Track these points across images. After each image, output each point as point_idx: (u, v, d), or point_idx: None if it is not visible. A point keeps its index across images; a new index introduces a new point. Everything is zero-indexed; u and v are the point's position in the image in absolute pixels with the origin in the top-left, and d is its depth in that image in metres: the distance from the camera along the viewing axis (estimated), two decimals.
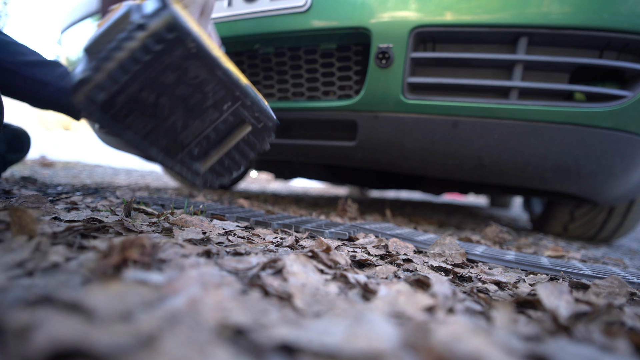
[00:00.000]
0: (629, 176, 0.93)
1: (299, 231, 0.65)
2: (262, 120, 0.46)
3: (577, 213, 1.30)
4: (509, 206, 4.04)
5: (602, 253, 1.06)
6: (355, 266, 0.47)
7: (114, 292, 0.22)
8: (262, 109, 0.46)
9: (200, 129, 0.43)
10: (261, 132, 0.47)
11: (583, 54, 0.80)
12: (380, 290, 0.32)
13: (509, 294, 0.43)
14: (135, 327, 0.19)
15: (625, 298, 0.42)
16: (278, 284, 0.32)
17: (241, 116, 0.45)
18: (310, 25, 0.85)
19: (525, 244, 0.99)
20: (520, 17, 0.76)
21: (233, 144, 0.46)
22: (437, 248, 0.60)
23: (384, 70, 0.84)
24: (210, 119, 0.43)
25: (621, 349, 0.24)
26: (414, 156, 0.95)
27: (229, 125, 0.45)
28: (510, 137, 0.85)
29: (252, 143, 0.47)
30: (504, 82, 0.81)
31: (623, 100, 0.80)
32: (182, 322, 0.19)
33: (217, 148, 0.45)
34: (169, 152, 0.41)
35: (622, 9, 0.74)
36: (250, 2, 0.89)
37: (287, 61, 0.95)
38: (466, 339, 0.20)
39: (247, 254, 0.44)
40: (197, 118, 0.42)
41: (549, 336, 0.26)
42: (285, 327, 0.21)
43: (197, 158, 0.44)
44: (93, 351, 0.17)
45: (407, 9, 0.80)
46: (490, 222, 1.46)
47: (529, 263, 0.59)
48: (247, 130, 0.46)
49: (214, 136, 0.44)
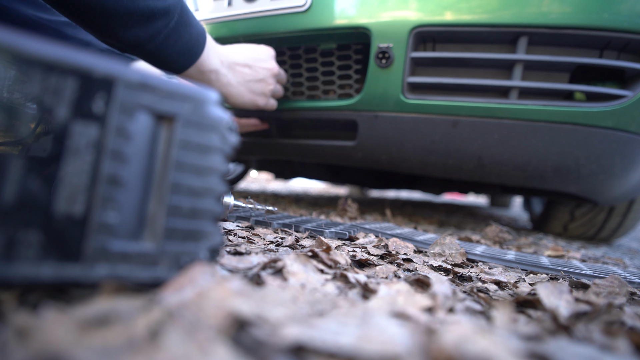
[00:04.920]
0: (629, 176, 0.93)
1: (299, 231, 0.65)
2: None
3: (577, 213, 1.30)
4: (509, 206, 4.04)
5: (602, 253, 1.06)
6: (356, 266, 0.47)
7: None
8: None
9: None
10: None
11: (583, 53, 0.81)
12: (380, 290, 0.32)
13: (509, 294, 0.43)
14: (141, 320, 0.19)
15: (625, 297, 0.42)
16: (278, 284, 0.32)
17: None
18: (310, 25, 0.85)
19: (525, 244, 0.99)
20: (520, 17, 0.76)
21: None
22: (437, 248, 0.60)
23: (384, 70, 0.84)
24: None
25: (621, 349, 0.24)
26: (414, 156, 0.95)
27: None
28: (510, 136, 0.85)
29: None
30: (504, 82, 0.81)
31: (623, 100, 0.80)
32: (186, 316, 0.19)
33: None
34: None
35: (622, 8, 0.74)
36: (250, 2, 0.89)
37: (287, 61, 0.95)
38: (474, 340, 0.20)
39: (248, 254, 0.44)
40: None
41: (549, 336, 0.26)
42: (296, 326, 0.21)
43: None
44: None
45: (407, 9, 0.80)
46: (490, 222, 1.46)
47: (529, 263, 0.59)
48: None
49: None
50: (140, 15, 0.56)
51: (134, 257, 0.24)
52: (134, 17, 0.56)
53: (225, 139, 0.28)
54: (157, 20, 0.58)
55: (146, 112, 0.25)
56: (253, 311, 0.22)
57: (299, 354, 0.20)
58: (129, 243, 0.24)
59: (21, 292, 0.24)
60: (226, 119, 0.28)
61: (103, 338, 0.18)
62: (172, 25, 0.60)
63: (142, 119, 0.25)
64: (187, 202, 0.26)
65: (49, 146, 0.23)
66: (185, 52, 0.65)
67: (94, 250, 0.23)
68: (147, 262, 0.25)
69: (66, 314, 0.19)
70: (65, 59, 0.23)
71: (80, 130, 0.23)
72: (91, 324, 0.18)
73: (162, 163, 0.26)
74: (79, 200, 0.23)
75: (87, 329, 0.18)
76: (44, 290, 0.25)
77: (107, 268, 0.23)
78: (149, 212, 0.25)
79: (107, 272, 0.23)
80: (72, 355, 0.16)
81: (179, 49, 0.64)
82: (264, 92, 0.82)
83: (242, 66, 0.77)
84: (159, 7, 0.57)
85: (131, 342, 0.18)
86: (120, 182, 0.24)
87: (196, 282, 0.24)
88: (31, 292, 0.25)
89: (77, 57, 0.23)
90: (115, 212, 0.24)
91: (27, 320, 0.18)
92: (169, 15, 0.59)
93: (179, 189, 0.26)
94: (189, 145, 0.27)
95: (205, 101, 0.27)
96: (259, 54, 0.80)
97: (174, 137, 0.26)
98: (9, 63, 0.21)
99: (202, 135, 0.27)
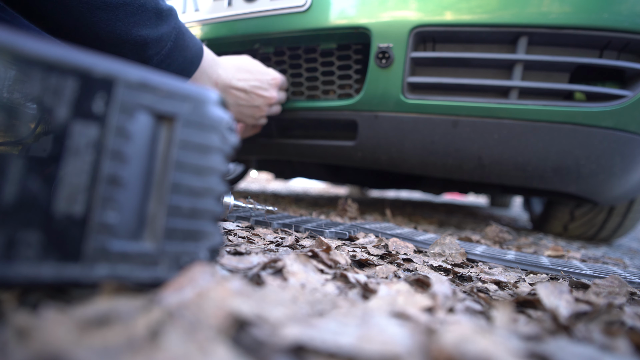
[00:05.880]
0: (629, 176, 0.93)
1: (299, 231, 0.65)
2: None
3: (577, 213, 1.30)
4: (509, 206, 4.04)
5: (602, 253, 1.06)
6: (356, 266, 0.47)
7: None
8: None
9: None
10: None
11: (583, 53, 0.81)
12: (380, 290, 0.32)
13: (509, 294, 0.43)
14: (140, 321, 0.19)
15: (625, 297, 0.42)
16: (278, 284, 0.32)
17: None
18: (310, 25, 0.85)
19: (525, 244, 0.99)
20: (520, 17, 0.76)
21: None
22: (437, 248, 0.60)
23: (384, 70, 0.84)
24: None
25: (621, 349, 0.24)
26: (414, 156, 0.95)
27: None
28: (510, 136, 0.85)
29: None
30: (504, 82, 0.81)
31: (623, 100, 0.80)
32: (186, 316, 0.19)
33: None
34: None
35: (622, 8, 0.74)
36: (250, 2, 0.89)
37: (286, 61, 0.95)
38: (474, 340, 0.20)
39: (248, 254, 0.44)
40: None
41: (549, 336, 0.26)
42: (296, 326, 0.21)
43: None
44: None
45: (407, 9, 0.80)
46: (490, 222, 1.46)
47: (529, 263, 0.59)
48: None
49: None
50: (133, 44, 0.57)
51: (134, 257, 0.24)
52: (127, 45, 0.57)
53: (225, 139, 0.28)
54: (150, 49, 0.59)
55: (146, 112, 0.25)
56: (253, 311, 0.22)
57: (299, 354, 0.20)
58: (129, 243, 0.24)
59: (21, 292, 0.24)
60: (226, 119, 0.28)
61: (103, 338, 0.18)
62: (165, 51, 0.61)
63: (142, 119, 0.25)
64: (187, 202, 0.26)
65: (49, 146, 0.23)
66: (178, 74, 0.65)
67: (94, 250, 0.23)
68: (147, 262, 0.25)
69: (66, 314, 0.19)
70: (65, 59, 0.23)
71: (80, 130, 0.23)
72: (91, 324, 0.18)
73: (162, 163, 0.26)
74: (79, 200, 0.23)
75: (87, 329, 0.18)
76: (44, 290, 0.25)
77: (107, 268, 0.23)
78: (149, 212, 0.25)
79: (107, 272, 0.23)
80: (72, 355, 0.16)
81: (172, 72, 0.64)
82: (254, 116, 0.83)
83: (238, 90, 0.77)
84: (152, 36, 0.58)
85: (131, 342, 0.18)
86: (120, 182, 0.24)
87: (196, 282, 0.24)
88: (31, 292, 0.24)
89: (77, 57, 0.23)
90: (115, 212, 0.24)
91: (27, 320, 0.18)
92: (161, 43, 0.60)
93: (179, 189, 0.26)
94: (189, 145, 0.27)
95: (205, 101, 0.27)
96: (262, 82, 0.79)
97: (174, 137, 0.26)
98: (9, 63, 0.21)
99: (202, 135, 0.27)
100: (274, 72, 0.83)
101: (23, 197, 0.21)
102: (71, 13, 0.51)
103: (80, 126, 0.23)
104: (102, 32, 0.54)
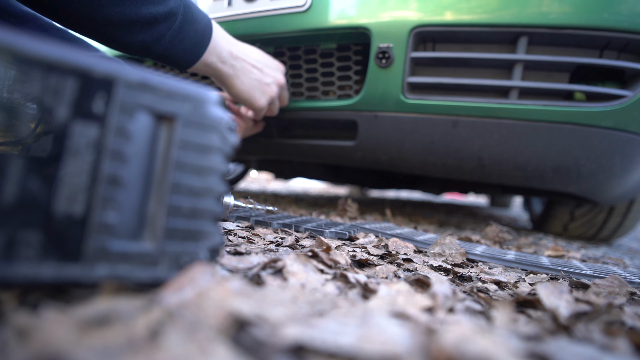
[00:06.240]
0: (629, 176, 0.93)
1: (299, 231, 0.65)
2: None
3: (577, 213, 1.30)
4: (509, 206, 4.04)
5: (602, 253, 1.06)
6: (356, 266, 0.47)
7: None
8: None
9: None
10: None
11: (583, 53, 0.81)
12: (380, 290, 0.32)
13: (509, 294, 0.43)
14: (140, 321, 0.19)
15: (625, 297, 0.42)
16: (278, 284, 0.32)
17: None
18: (310, 25, 0.85)
19: (525, 244, 0.99)
20: (520, 17, 0.76)
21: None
22: (437, 248, 0.60)
23: (384, 70, 0.84)
24: None
25: (621, 349, 0.24)
26: (414, 156, 0.95)
27: None
28: (510, 136, 0.85)
29: None
30: (504, 82, 0.81)
31: (623, 100, 0.80)
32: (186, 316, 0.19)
33: None
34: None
35: (622, 8, 0.74)
36: (250, 2, 0.89)
37: (286, 61, 0.95)
38: (474, 340, 0.20)
39: (248, 254, 0.44)
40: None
41: (549, 336, 0.26)
42: (296, 326, 0.21)
43: None
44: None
45: (407, 9, 0.80)
46: (490, 222, 1.46)
47: (529, 263, 0.59)
48: None
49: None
50: (144, 22, 0.57)
51: (134, 257, 0.24)
52: (138, 24, 0.57)
53: (225, 139, 0.28)
54: (160, 24, 0.60)
55: (146, 112, 0.25)
56: (253, 311, 0.22)
57: (299, 354, 0.20)
58: (129, 243, 0.24)
59: (21, 292, 0.24)
60: (226, 119, 0.28)
61: (103, 338, 0.18)
62: (177, 26, 0.61)
63: (142, 119, 0.25)
64: (187, 202, 0.26)
65: (49, 146, 0.23)
66: (192, 49, 0.66)
67: (94, 250, 0.23)
68: (147, 262, 0.25)
69: (66, 314, 0.19)
70: (65, 59, 0.23)
71: (80, 130, 0.23)
72: (91, 324, 0.18)
73: (162, 163, 0.26)
74: (79, 200, 0.23)
75: (87, 329, 0.18)
76: (44, 290, 0.25)
77: (107, 268, 0.23)
78: (149, 212, 0.25)
79: (107, 272, 0.23)
80: (72, 355, 0.16)
81: (186, 47, 0.64)
82: (266, 93, 0.82)
83: (251, 66, 0.78)
84: (161, 12, 0.58)
85: (131, 342, 0.18)
86: (120, 182, 0.24)
87: (196, 282, 0.24)
88: (31, 292, 0.24)
89: (77, 57, 0.23)
90: (115, 212, 0.24)
91: (27, 320, 0.18)
92: (172, 17, 0.60)
93: (179, 189, 0.26)
94: (189, 145, 0.26)
95: (205, 101, 0.27)
96: (270, 63, 0.81)
97: (174, 137, 0.26)
98: (9, 63, 0.21)
99: (202, 135, 0.27)
100: (277, 61, 0.83)
101: (23, 197, 0.21)
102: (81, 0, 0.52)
103: (80, 126, 0.23)
104: (114, 14, 0.55)
